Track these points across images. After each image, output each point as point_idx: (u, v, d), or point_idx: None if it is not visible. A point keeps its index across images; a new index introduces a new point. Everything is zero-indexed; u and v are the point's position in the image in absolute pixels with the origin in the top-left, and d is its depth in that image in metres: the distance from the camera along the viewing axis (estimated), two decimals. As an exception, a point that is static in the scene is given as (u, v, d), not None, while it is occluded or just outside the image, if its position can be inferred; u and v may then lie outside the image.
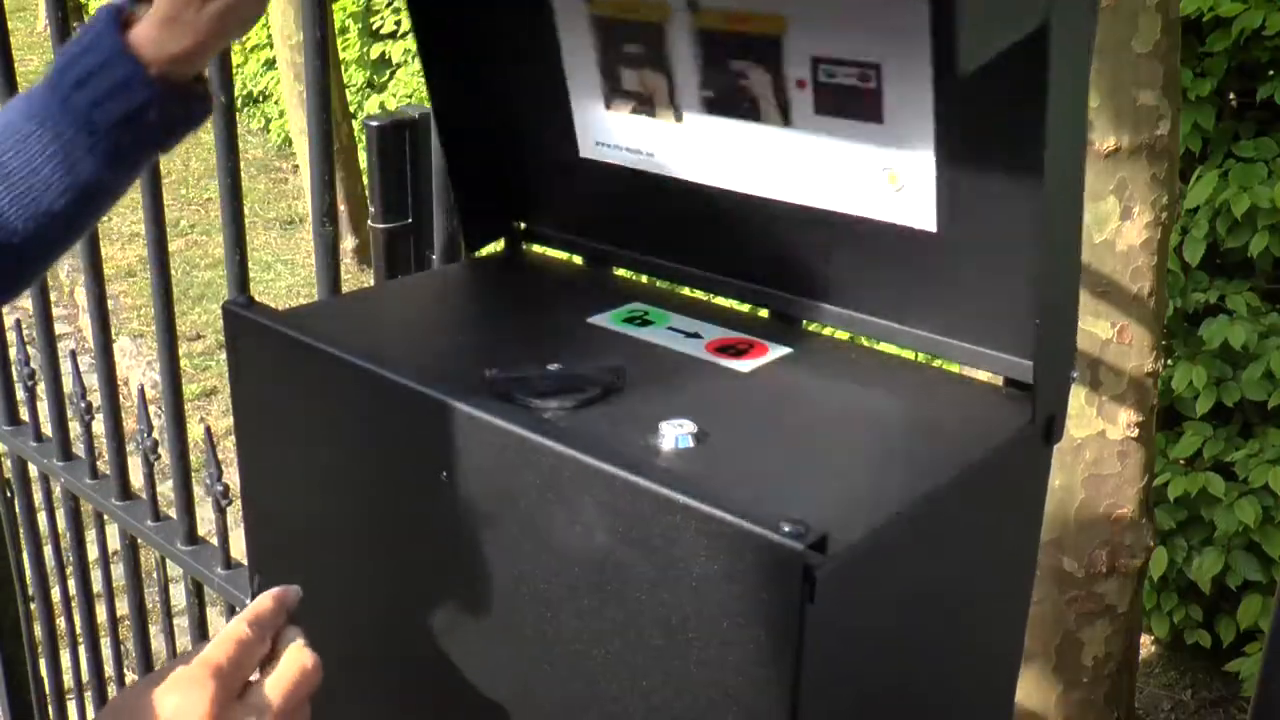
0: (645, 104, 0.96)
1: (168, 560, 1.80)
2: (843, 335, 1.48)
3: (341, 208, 5.95)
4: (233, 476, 1.36)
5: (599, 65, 0.97)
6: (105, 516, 1.89)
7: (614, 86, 0.97)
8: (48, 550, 2.14)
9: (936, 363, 1.08)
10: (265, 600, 0.73)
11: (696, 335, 0.93)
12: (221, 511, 1.65)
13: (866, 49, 0.80)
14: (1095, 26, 0.82)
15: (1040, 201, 0.77)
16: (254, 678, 0.70)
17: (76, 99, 0.82)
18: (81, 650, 2.13)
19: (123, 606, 2.11)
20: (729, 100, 0.90)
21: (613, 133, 1.00)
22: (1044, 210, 0.76)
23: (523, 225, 1.15)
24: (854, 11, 0.80)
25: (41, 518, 2.13)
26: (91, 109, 0.82)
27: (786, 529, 0.61)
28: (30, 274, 0.90)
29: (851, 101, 0.83)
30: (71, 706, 2.34)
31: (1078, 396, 2.42)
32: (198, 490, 1.74)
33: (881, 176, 0.84)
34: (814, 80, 0.84)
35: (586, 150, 1.03)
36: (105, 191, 0.87)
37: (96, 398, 1.83)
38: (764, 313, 1.00)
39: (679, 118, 0.94)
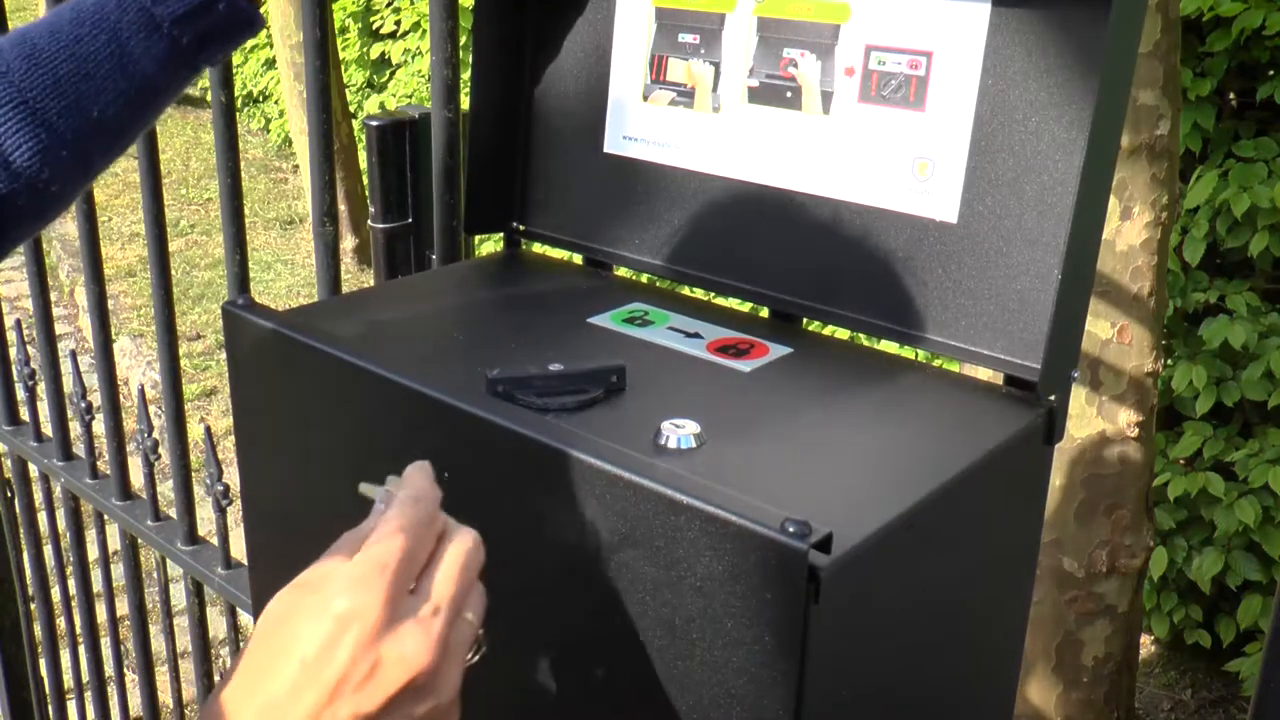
0: (685, 96, 1.00)
1: (168, 560, 1.80)
2: (843, 335, 1.48)
3: (341, 208, 5.95)
4: (233, 476, 1.36)
5: (647, 58, 1.01)
6: (105, 516, 1.89)
7: (656, 78, 1.01)
8: (48, 550, 2.14)
9: (937, 362, 1.08)
10: (420, 480, 0.64)
11: (697, 335, 0.93)
12: (221, 511, 1.65)
13: (922, 36, 0.85)
14: (1142, 26, 0.87)
15: (1070, 195, 0.78)
16: None
17: None
18: (81, 650, 2.13)
19: (123, 606, 2.11)
20: (773, 89, 0.94)
21: (644, 126, 1.03)
22: (1076, 202, 0.77)
23: (522, 227, 1.15)
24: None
25: (41, 518, 2.13)
26: (154, 3, 0.79)
27: (791, 529, 0.61)
28: (79, 186, 0.85)
29: (897, 89, 0.87)
30: (71, 706, 2.34)
31: (1078, 396, 2.42)
32: (198, 490, 1.74)
33: (912, 166, 0.87)
34: (864, 68, 0.88)
35: (611, 145, 1.05)
36: (159, 97, 0.83)
37: (96, 398, 1.83)
38: (764, 313, 1.00)
39: (717, 108, 0.97)
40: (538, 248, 1.17)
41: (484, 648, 0.63)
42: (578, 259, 1.14)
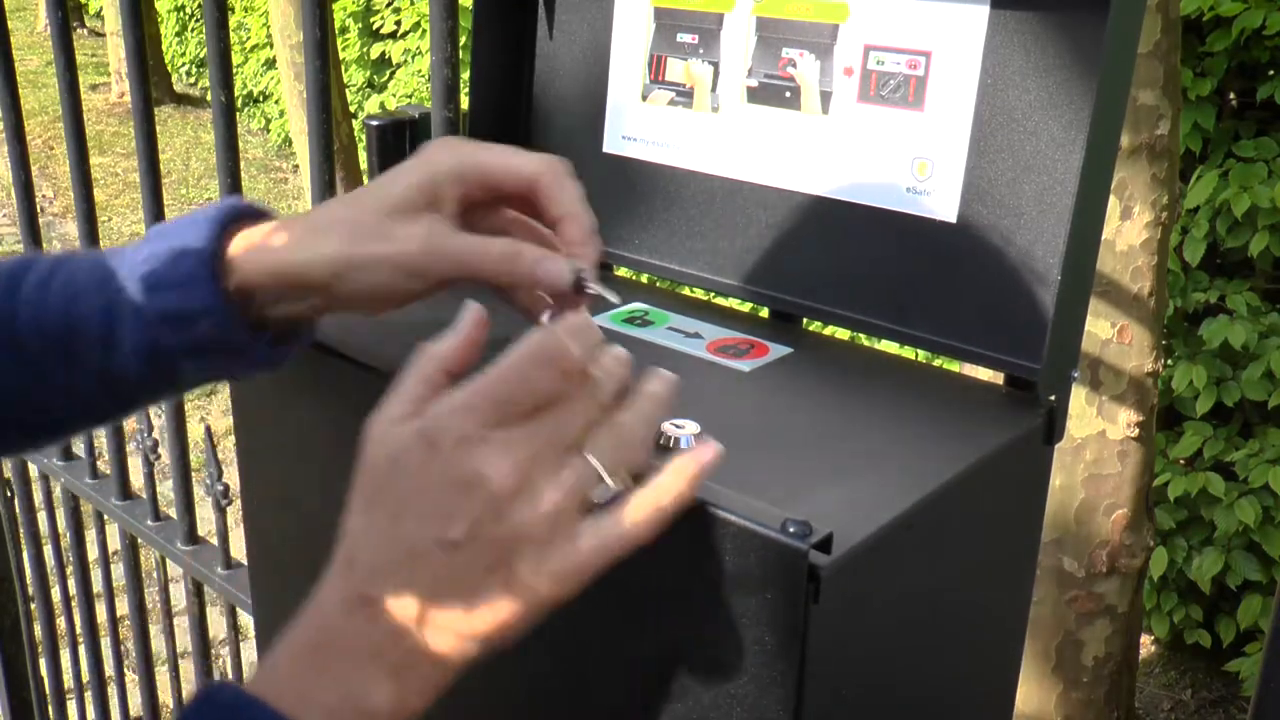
0: (684, 96, 0.99)
1: (168, 560, 1.80)
2: (843, 335, 1.48)
3: (341, 208, 5.93)
4: (233, 476, 1.36)
5: (646, 58, 1.01)
6: (105, 516, 1.89)
7: (655, 78, 1.01)
8: (48, 550, 2.14)
9: (937, 362, 1.08)
10: (564, 322, 0.60)
11: (697, 335, 0.93)
12: (221, 511, 1.65)
13: (921, 36, 0.85)
14: (1142, 26, 0.86)
15: (1070, 195, 0.79)
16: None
17: (150, 310, 0.73)
18: (81, 650, 2.13)
19: (123, 606, 2.11)
20: (772, 89, 0.94)
21: (643, 126, 1.03)
22: (1075, 202, 0.77)
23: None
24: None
25: (41, 518, 2.13)
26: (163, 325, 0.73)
27: (791, 529, 0.60)
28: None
29: (896, 88, 0.87)
30: (71, 706, 2.34)
31: (1078, 396, 2.42)
32: (198, 490, 1.74)
33: (911, 166, 0.87)
34: (862, 67, 0.88)
35: (611, 145, 1.05)
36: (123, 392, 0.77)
37: (96, 398, 1.83)
38: (764, 313, 1.00)
39: (716, 108, 0.97)
40: (538, 248, 1.17)
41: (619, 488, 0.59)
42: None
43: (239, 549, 1.26)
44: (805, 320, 0.99)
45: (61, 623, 2.18)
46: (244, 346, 0.74)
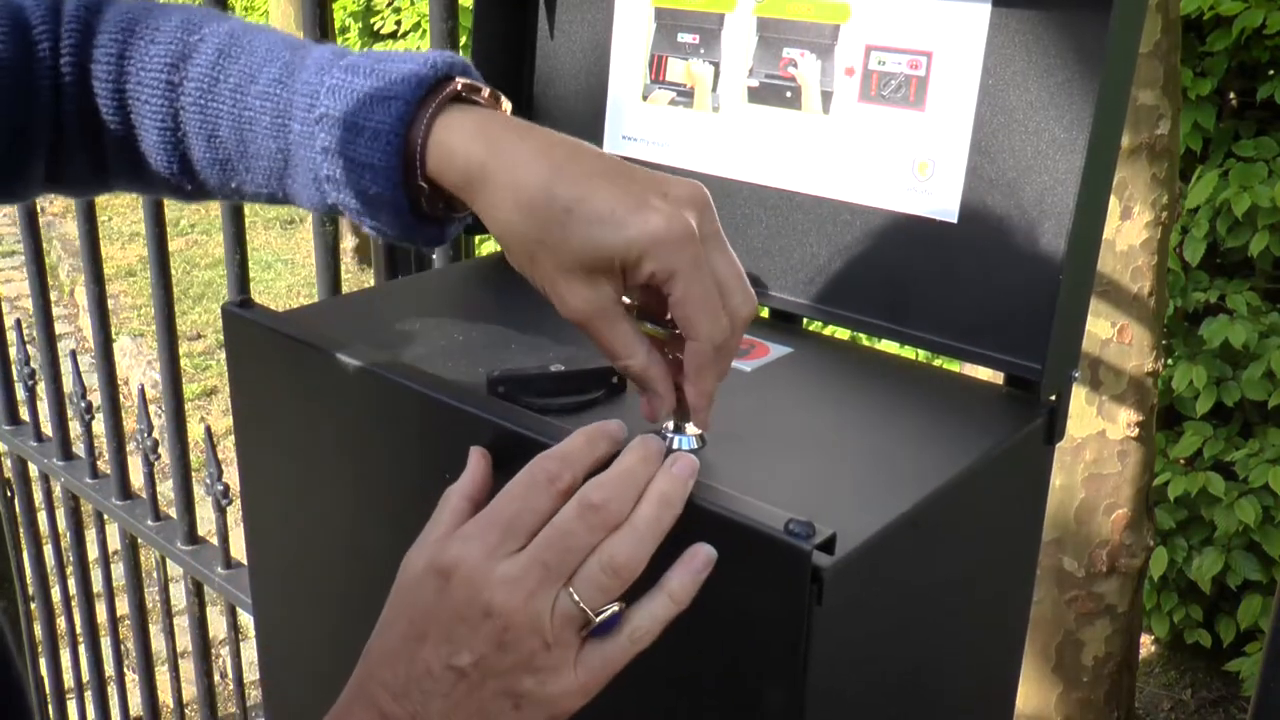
0: (685, 95, 0.99)
1: (168, 560, 1.80)
2: (843, 335, 1.48)
3: (341, 207, 5.93)
4: (233, 476, 1.36)
5: (646, 57, 1.01)
6: (105, 516, 1.89)
7: (656, 78, 1.01)
8: (48, 550, 2.14)
9: (937, 362, 1.08)
10: (570, 439, 0.65)
11: (698, 335, 0.93)
12: (221, 511, 1.65)
13: (922, 36, 0.85)
14: (1143, 26, 0.86)
15: (1070, 195, 0.79)
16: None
17: (333, 174, 0.74)
18: (81, 650, 2.13)
19: (123, 606, 2.11)
20: (773, 89, 0.94)
21: (643, 126, 1.03)
22: (1076, 202, 0.77)
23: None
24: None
25: (41, 517, 2.13)
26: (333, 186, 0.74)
27: (794, 529, 0.60)
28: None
29: (897, 88, 0.87)
30: (72, 706, 2.34)
31: (1078, 396, 2.42)
32: (198, 490, 1.74)
33: (912, 166, 0.87)
34: (864, 67, 0.88)
35: (611, 145, 1.05)
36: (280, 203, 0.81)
37: (96, 397, 1.83)
38: (764, 313, 1.00)
39: (717, 108, 0.97)
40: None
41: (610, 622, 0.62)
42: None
43: (239, 549, 1.26)
44: (805, 320, 0.99)
45: (61, 623, 2.18)
46: (416, 227, 0.75)
